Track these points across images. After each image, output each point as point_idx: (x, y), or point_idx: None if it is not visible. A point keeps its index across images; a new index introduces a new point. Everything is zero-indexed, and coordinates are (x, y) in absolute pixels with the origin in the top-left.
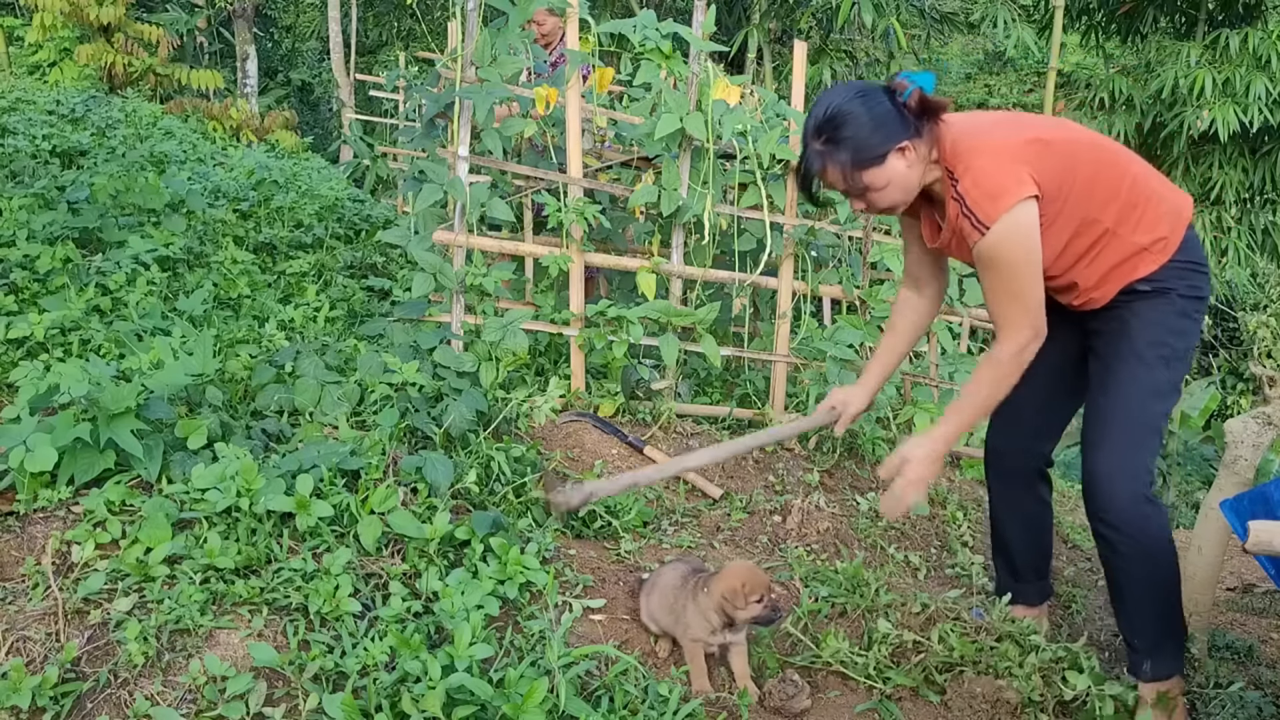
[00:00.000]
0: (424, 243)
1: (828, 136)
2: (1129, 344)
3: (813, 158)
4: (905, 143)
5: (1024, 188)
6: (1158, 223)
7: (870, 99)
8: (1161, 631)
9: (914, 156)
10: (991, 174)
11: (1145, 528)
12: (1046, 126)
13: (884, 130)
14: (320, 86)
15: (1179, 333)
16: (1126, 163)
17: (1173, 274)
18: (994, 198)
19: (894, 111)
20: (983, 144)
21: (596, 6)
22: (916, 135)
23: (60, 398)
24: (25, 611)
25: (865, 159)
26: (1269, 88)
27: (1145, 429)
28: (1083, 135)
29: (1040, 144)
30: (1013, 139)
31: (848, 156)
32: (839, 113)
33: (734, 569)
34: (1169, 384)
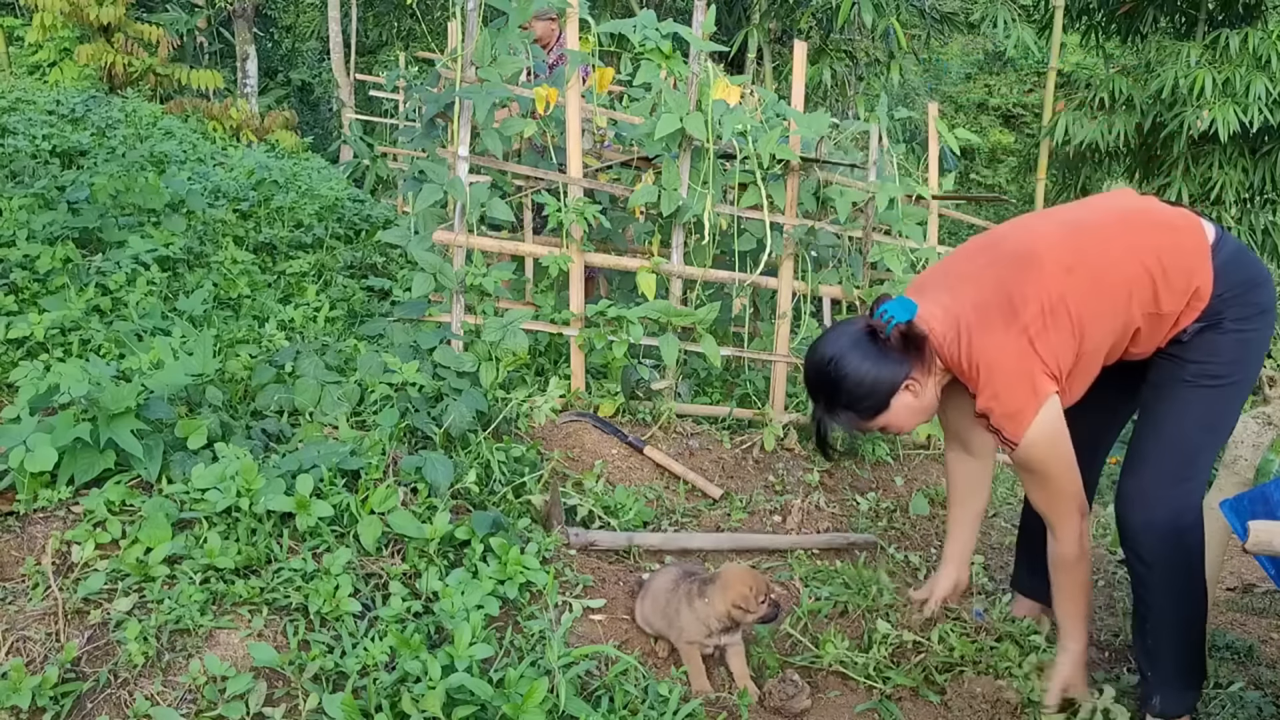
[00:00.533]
0: (424, 243)
1: (825, 402)
2: (1180, 373)
3: (820, 419)
4: (903, 382)
5: (1040, 395)
6: (1181, 275)
7: (854, 354)
8: (1177, 667)
9: (919, 385)
10: (1004, 393)
11: (1174, 561)
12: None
13: (879, 382)
14: (320, 86)
15: (1233, 360)
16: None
17: (1221, 307)
18: (1015, 417)
19: (881, 358)
20: (981, 355)
21: (596, 6)
22: (912, 366)
23: (60, 398)
24: (25, 611)
25: (868, 414)
26: (1269, 88)
27: (1186, 461)
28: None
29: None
30: (1012, 335)
31: (850, 416)
32: (829, 378)
33: (736, 575)
34: (1221, 413)
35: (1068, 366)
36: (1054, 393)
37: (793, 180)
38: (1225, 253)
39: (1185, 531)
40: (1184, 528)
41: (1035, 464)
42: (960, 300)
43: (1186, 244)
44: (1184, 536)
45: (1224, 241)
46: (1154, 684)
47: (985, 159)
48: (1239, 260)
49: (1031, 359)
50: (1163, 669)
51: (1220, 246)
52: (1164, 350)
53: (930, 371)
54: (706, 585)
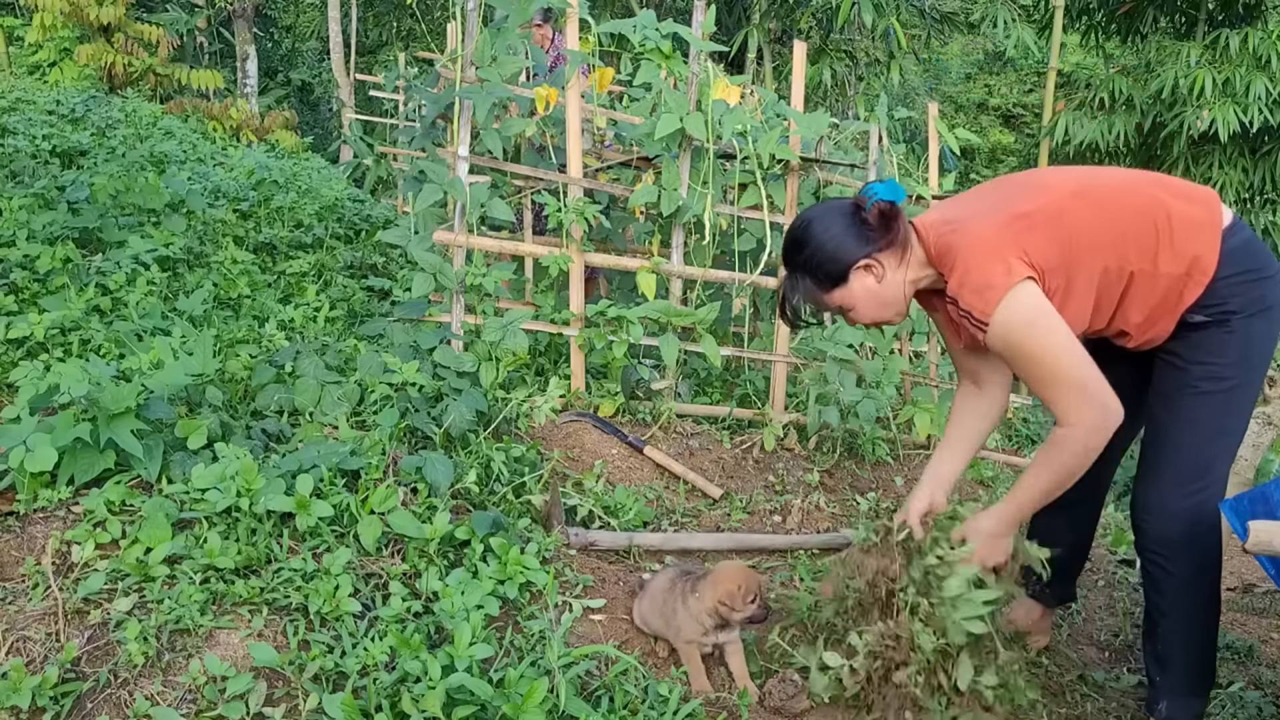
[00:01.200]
0: (424, 243)
1: (790, 261)
2: (1185, 378)
3: (785, 283)
4: (866, 260)
5: (1012, 275)
6: (1187, 241)
7: (827, 219)
8: (1186, 674)
9: (882, 270)
10: (975, 269)
11: (1191, 569)
12: (1027, 193)
13: (840, 250)
14: (320, 86)
15: (1238, 360)
16: (1124, 193)
17: (1226, 294)
18: (982, 293)
19: (851, 229)
20: (962, 239)
21: (596, 6)
22: (881, 249)
23: (60, 398)
24: (25, 611)
25: (825, 281)
26: (1269, 88)
27: (1200, 468)
28: (1065, 185)
29: (1022, 219)
30: (991, 225)
31: (810, 281)
32: (795, 238)
33: (727, 572)
34: (1230, 416)
35: (1049, 272)
36: (1028, 278)
37: (793, 180)
38: (1238, 238)
39: (1202, 539)
40: (1200, 535)
41: (1015, 346)
42: (958, 206)
43: (1198, 215)
44: (1201, 544)
45: (1239, 228)
46: (1162, 689)
47: (985, 159)
48: (1250, 249)
49: (1010, 243)
50: (1171, 675)
51: (1234, 231)
52: (1168, 352)
53: (902, 261)
54: (699, 582)
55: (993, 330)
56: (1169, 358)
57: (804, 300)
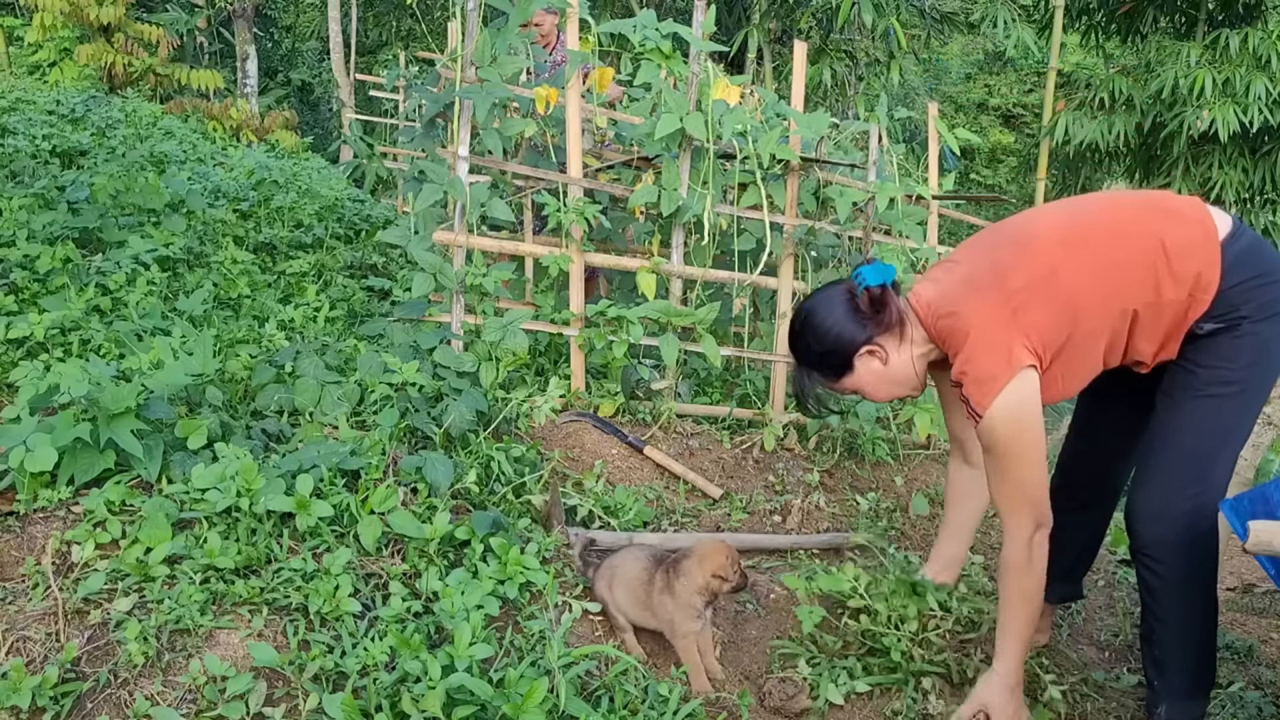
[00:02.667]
0: (424, 243)
1: (797, 358)
2: (1193, 380)
3: (796, 376)
4: (867, 347)
5: (1014, 365)
6: (1186, 264)
7: (823, 310)
8: (1184, 677)
9: (884, 353)
10: (978, 359)
11: (1187, 573)
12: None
13: (839, 342)
14: (320, 86)
15: (1249, 365)
16: (1116, 234)
17: (1237, 301)
18: (984, 384)
19: (848, 317)
20: (965, 316)
21: (596, 6)
22: (880, 332)
23: (60, 398)
24: (25, 611)
25: (831, 372)
26: (1269, 88)
27: (1200, 472)
28: (1053, 234)
29: (1018, 295)
30: (993, 303)
31: (817, 375)
32: (797, 332)
33: (710, 547)
34: (1235, 420)
35: (1053, 344)
36: (1030, 366)
37: (793, 180)
38: (1240, 245)
39: (1198, 543)
40: (1197, 539)
41: (998, 443)
42: (953, 276)
43: (1193, 234)
44: (1197, 548)
45: (1240, 234)
46: (1160, 693)
47: (985, 159)
48: (1255, 254)
49: (1012, 328)
50: (1170, 679)
51: (1235, 238)
52: (1180, 357)
53: (904, 340)
54: (680, 564)
55: (985, 423)
56: (1180, 362)
57: (817, 387)
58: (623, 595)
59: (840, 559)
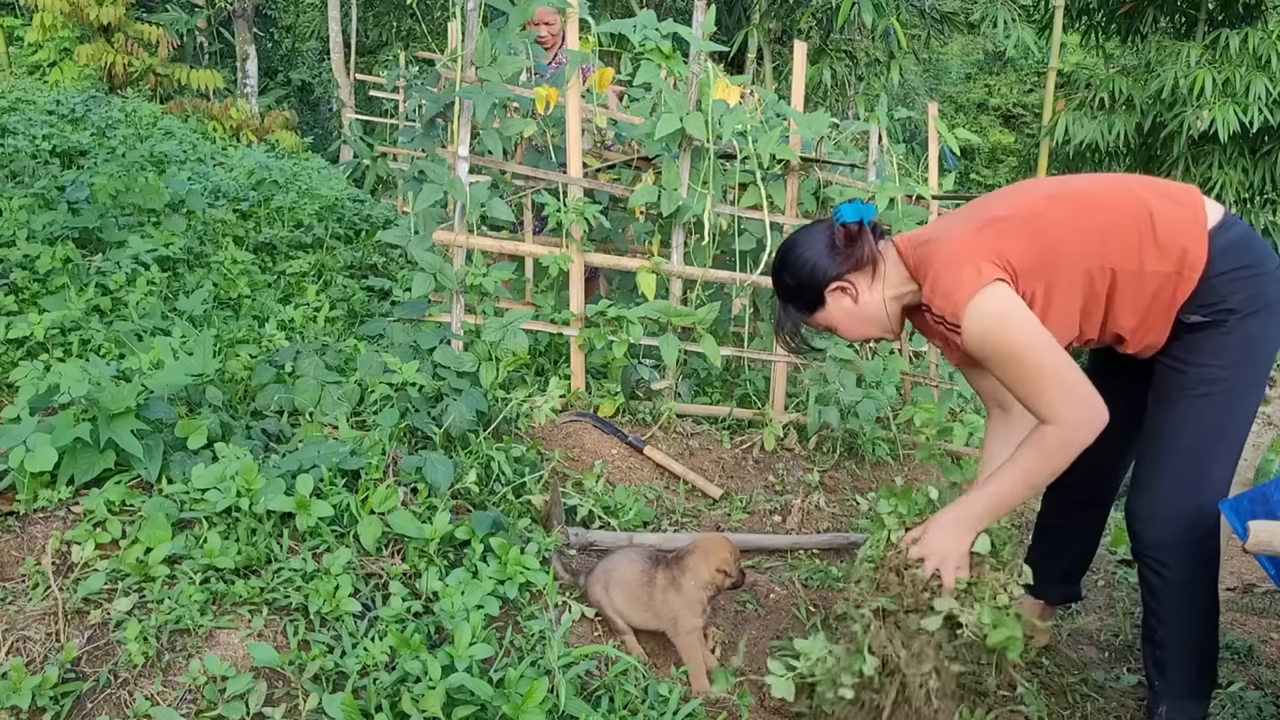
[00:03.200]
0: (424, 243)
1: (775, 290)
2: (1181, 380)
3: (777, 310)
4: (838, 282)
5: (982, 277)
6: (1172, 237)
7: (804, 244)
8: (1186, 679)
9: (855, 290)
10: (945, 274)
11: (1189, 574)
12: (1002, 201)
13: (813, 274)
14: (320, 86)
15: (1237, 361)
16: (1102, 191)
17: (1224, 292)
18: (951, 295)
19: (824, 252)
20: (936, 248)
21: (596, 6)
22: (850, 270)
23: (60, 398)
24: (25, 611)
25: (804, 305)
26: (1269, 88)
27: (1198, 472)
28: (1041, 189)
29: (996, 223)
30: (964, 233)
31: (792, 306)
32: (777, 265)
33: (711, 542)
34: (1229, 417)
35: (1026, 273)
36: (999, 280)
37: (793, 180)
38: (1231, 235)
39: (1200, 543)
40: (1199, 539)
41: (993, 345)
42: (938, 223)
43: (1182, 213)
44: (1199, 548)
45: (1231, 224)
46: (1162, 694)
47: (985, 159)
48: (1245, 244)
49: (980, 248)
50: (1171, 680)
51: (1226, 227)
52: (1167, 355)
53: (876, 279)
54: (684, 560)
55: (966, 330)
56: (1168, 361)
57: (791, 321)
58: (621, 598)
59: (841, 559)
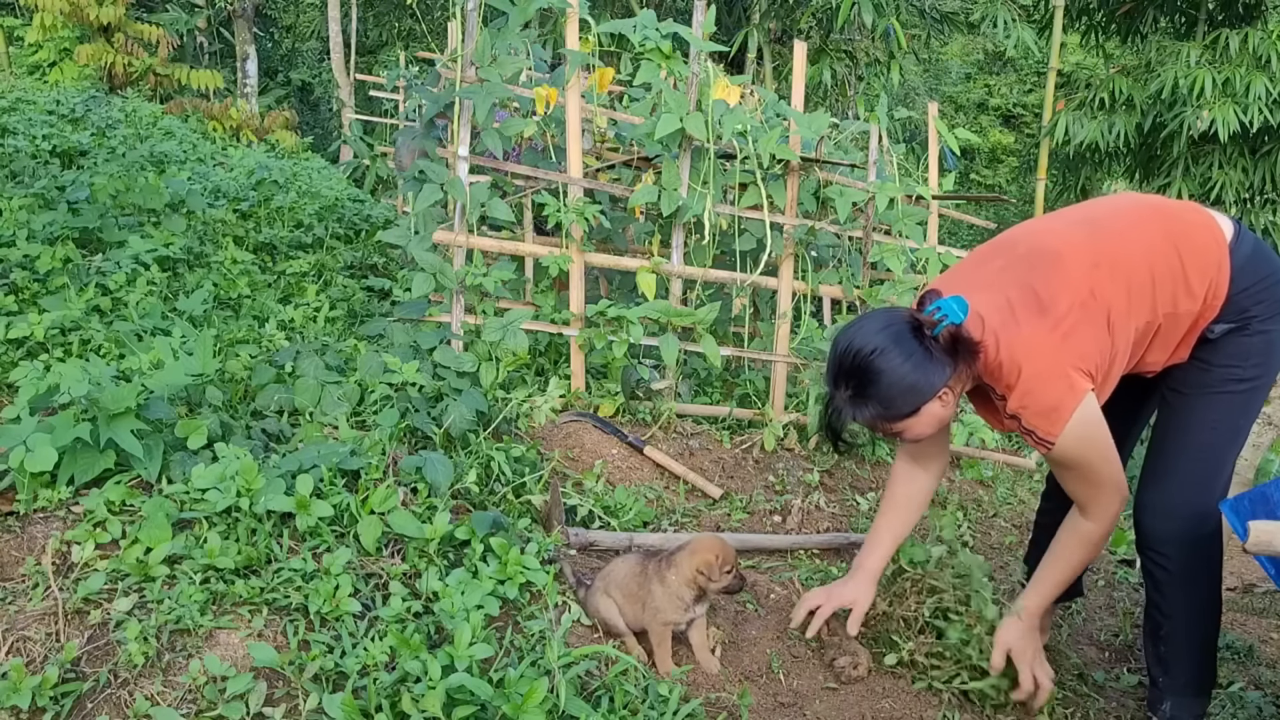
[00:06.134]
0: (424, 243)
1: (855, 391)
2: (1206, 378)
3: (841, 406)
4: (942, 390)
5: (1076, 393)
6: (1200, 275)
7: (902, 348)
8: (1189, 675)
9: (951, 396)
10: (1038, 391)
11: (1195, 570)
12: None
13: (920, 383)
14: (320, 86)
15: (1260, 362)
16: (1140, 252)
17: (1246, 304)
18: (1050, 415)
19: (927, 358)
20: (1018, 353)
21: (596, 6)
22: (953, 373)
23: (60, 398)
24: (25, 611)
25: (896, 416)
26: (1269, 88)
27: (1213, 469)
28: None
29: (1063, 322)
30: (1040, 334)
31: (878, 410)
32: (868, 367)
33: (704, 542)
34: (1245, 417)
35: (1104, 364)
36: (1090, 390)
37: (793, 180)
38: (1245, 249)
39: (1206, 539)
40: (1205, 535)
41: (1073, 461)
42: (981, 303)
43: (1203, 240)
44: (1205, 545)
45: (1243, 238)
46: (1165, 690)
47: (985, 159)
48: (1260, 256)
49: (1065, 355)
50: (1174, 676)
51: (1240, 243)
52: (1191, 356)
53: (965, 379)
54: (674, 556)
55: (1058, 450)
56: (1192, 360)
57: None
58: (620, 596)
59: (841, 559)
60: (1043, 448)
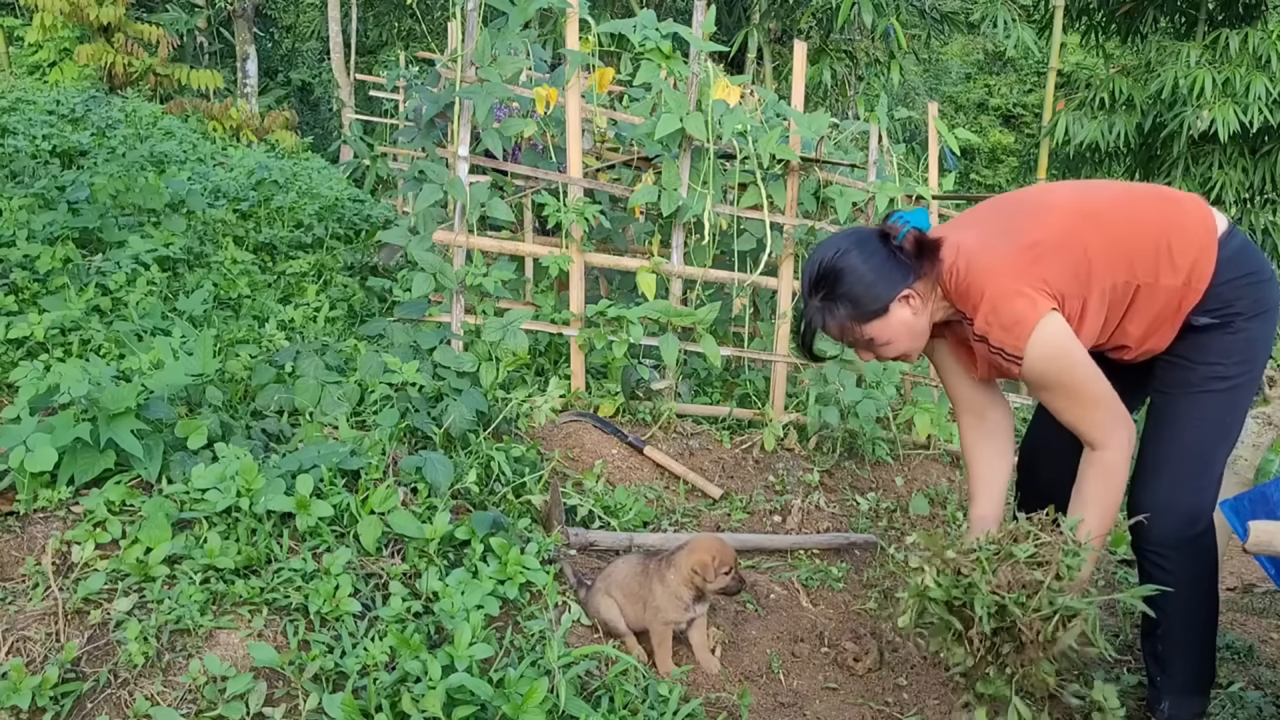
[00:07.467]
0: (424, 243)
1: (825, 292)
2: (1190, 376)
3: (812, 314)
4: (907, 290)
5: (1038, 308)
6: (1185, 251)
7: (865, 248)
8: (1187, 673)
9: (918, 302)
10: (1001, 306)
11: (1190, 568)
12: (1032, 218)
13: (883, 280)
14: (320, 86)
15: (1242, 360)
16: (1126, 210)
17: (1230, 297)
18: (1011, 329)
19: (891, 258)
20: (982, 272)
21: (596, 6)
22: (917, 278)
23: (60, 398)
24: (25, 611)
25: (866, 312)
26: (1269, 88)
27: (1202, 467)
28: (1068, 205)
29: (1032, 248)
30: (1008, 255)
31: (847, 311)
32: (834, 267)
33: (702, 542)
34: (1232, 415)
35: (1070, 297)
36: (1053, 309)
37: (793, 180)
38: (1234, 243)
39: (1200, 538)
40: (1199, 534)
41: (1051, 377)
42: (962, 238)
43: (1194, 226)
44: (1199, 543)
45: (1234, 233)
46: (1164, 689)
47: (985, 159)
48: (1247, 253)
49: (1028, 276)
50: (1173, 675)
51: (1230, 237)
52: (1173, 353)
53: (932, 290)
54: (674, 555)
55: (1027, 363)
56: (1174, 359)
57: (836, 327)
58: (621, 596)
59: (841, 559)
60: (1014, 366)
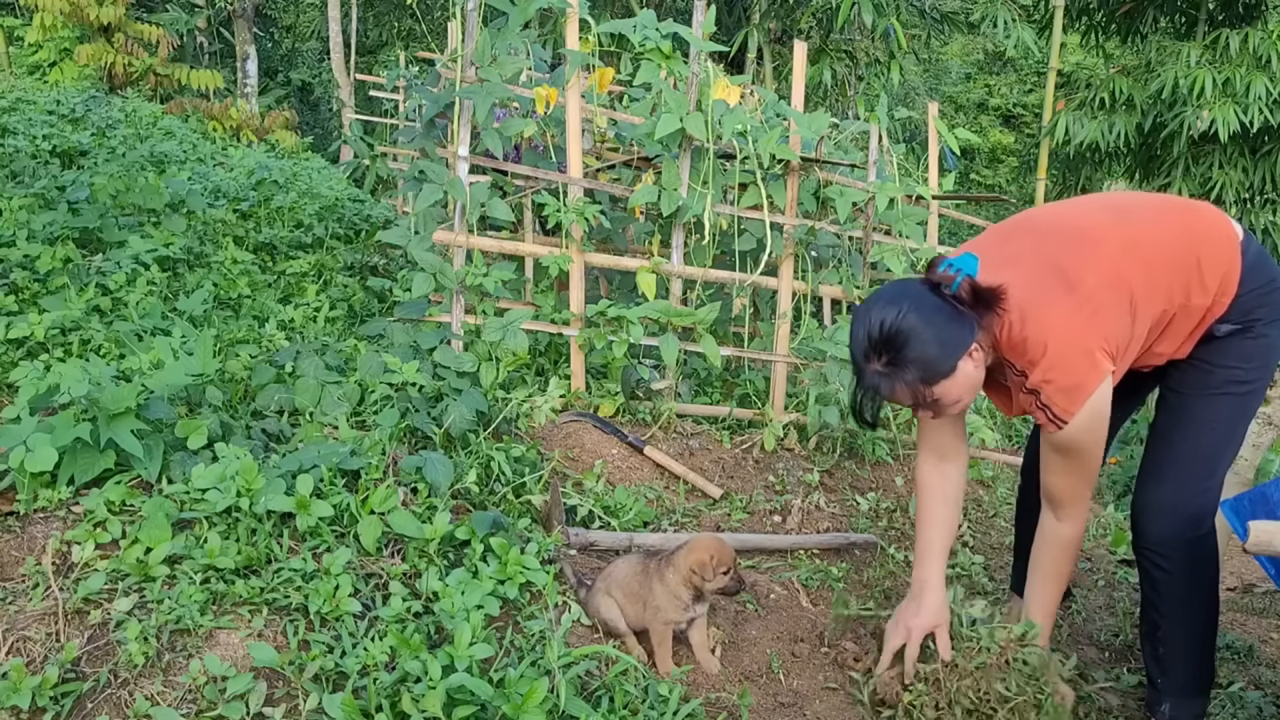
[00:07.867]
0: (424, 243)
1: (889, 357)
2: (1208, 379)
3: (876, 381)
4: (973, 344)
5: (1098, 373)
6: (1213, 271)
7: (924, 307)
8: (1187, 675)
9: (980, 355)
10: (1064, 364)
11: (1192, 569)
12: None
13: (951, 339)
14: (320, 86)
15: (1260, 365)
16: (1164, 241)
17: (1251, 305)
18: (1072, 392)
19: (954, 314)
20: (1043, 327)
21: (596, 6)
22: (980, 327)
23: (60, 398)
24: (25, 611)
25: (936, 374)
26: (1269, 88)
27: (1210, 469)
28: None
29: (1090, 300)
30: (1067, 308)
31: (916, 374)
32: (897, 330)
33: (701, 542)
34: (1243, 418)
35: (1123, 347)
36: (1110, 371)
37: (793, 180)
38: (1253, 250)
39: (1202, 539)
40: (1201, 535)
41: (1074, 445)
42: (1007, 279)
43: (1217, 236)
44: (1201, 544)
45: (1250, 242)
46: (1164, 691)
47: (985, 159)
48: (1264, 260)
49: (1091, 333)
50: (1173, 677)
51: (1248, 245)
52: (1192, 357)
53: (988, 339)
54: (674, 555)
55: (1068, 430)
56: (1193, 362)
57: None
58: (621, 595)
59: (841, 559)
60: (1053, 426)
